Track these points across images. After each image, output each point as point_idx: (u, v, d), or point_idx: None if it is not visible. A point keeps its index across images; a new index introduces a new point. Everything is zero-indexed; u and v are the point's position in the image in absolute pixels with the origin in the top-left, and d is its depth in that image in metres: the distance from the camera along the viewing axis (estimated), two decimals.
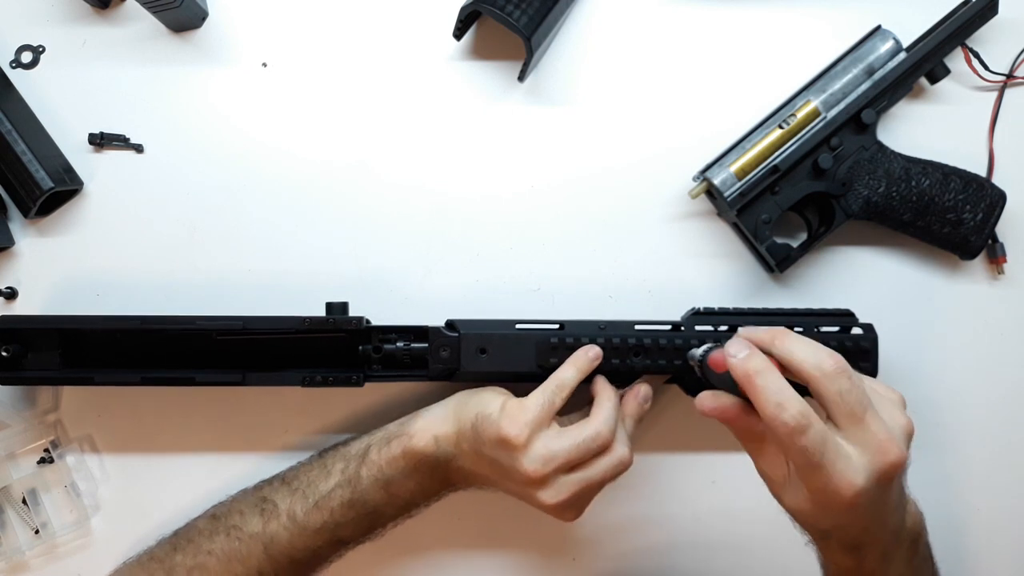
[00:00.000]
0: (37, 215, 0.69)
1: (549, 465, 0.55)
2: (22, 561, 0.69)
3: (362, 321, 0.63)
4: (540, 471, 0.55)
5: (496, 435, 0.56)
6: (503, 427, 0.56)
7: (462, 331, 0.63)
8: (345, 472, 0.60)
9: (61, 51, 0.71)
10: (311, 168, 0.71)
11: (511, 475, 0.57)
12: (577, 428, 0.57)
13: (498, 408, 0.57)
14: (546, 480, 0.56)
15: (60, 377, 0.65)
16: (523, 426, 0.56)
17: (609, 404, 0.59)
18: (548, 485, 0.56)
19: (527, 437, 0.56)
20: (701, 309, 0.64)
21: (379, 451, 0.60)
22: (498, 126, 0.71)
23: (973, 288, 0.70)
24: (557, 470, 0.56)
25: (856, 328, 0.64)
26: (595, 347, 0.61)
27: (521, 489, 0.57)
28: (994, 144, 0.70)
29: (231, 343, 0.64)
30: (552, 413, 0.58)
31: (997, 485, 0.70)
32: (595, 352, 0.61)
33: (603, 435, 0.57)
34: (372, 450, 0.60)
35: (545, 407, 0.57)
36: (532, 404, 0.57)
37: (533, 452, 0.55)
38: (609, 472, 0.57)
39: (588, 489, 0.57)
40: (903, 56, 0.67)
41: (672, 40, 0.71)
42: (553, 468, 0.55)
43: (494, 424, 0.56)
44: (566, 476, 0.56)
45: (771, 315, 0.64)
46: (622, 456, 0.57)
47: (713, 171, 0.66)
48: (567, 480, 0.56)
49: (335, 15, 0.72)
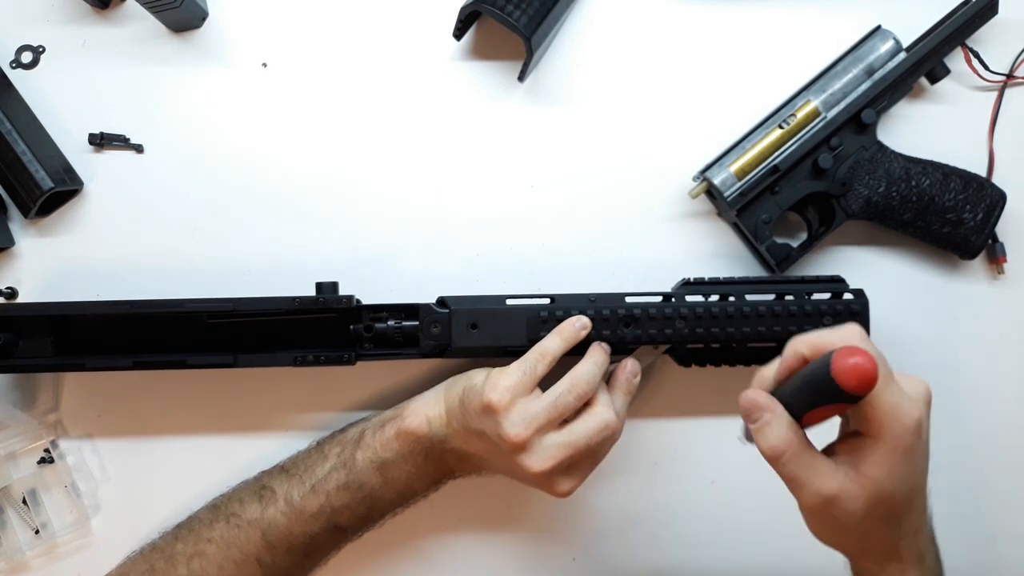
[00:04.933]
0: (37, 215, 0.69)
1: (531, 427, 0.55)
2: (22, 561, 0.69)
3: (352, 300, 0.63)
4: (522, 434, 0.55)
5: (480, 403, 0.56)
6: (486, 393, 0.56)
7: (453, 307, 0.63)
8: (341, 456, 0.61)
9: (61, 51, 0.71)
10: (311, 169, 0.71)
11: (499, 446, 0.57)
12: (554, 386, 0.57)
13: (482, 379, 0.58)
14: (529, 443, 0.55)
15: (52, 364, 0.66)
16: (503, 391, 0.56)
17: (590, 361, 0.59)
18: (531, 449, 0.56)
19: (508, 400, 0.56)
20: (691, 279, 0.65)
21: (374, 434, 0.61)
22: (498, 126, 0.71)
23: (973, 288, 0.70)
24: (539, 431, 0.55)
25: (847, 294, 0.64)
26: (583, 317, 0.61)
27: (509, 461, 0.57)
28: (994, 144, 0.70)
29: (223, 326, 0.65)
30: (534, 380, 0.58)
31: (997, 485, 0.70)
32: (582, 322, 0.61)
33: (578, 386, 0.57)
34: (367, 433, 0.61)
35: (528, 373, 0.57)
36: (513, 369, 0.58)
37: (514, 415, 0.56)
38: (593, 433, 0.56)
39: (574, 452, 0.56)
40: (903, 56, 0.67)
41: (672, 40, 0.72)
42: (535, 429, 0.55)
43: (478, 393, 0.57)
44: (548, 438, 0.56)
45: (762, 283, 0.65)
46: (606, 418, 0.57)
47: (713, 171, 0.66)
48: (550, 442, 0.56)
49: (335, 15, 0.72)
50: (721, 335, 0.63)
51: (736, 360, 0.65)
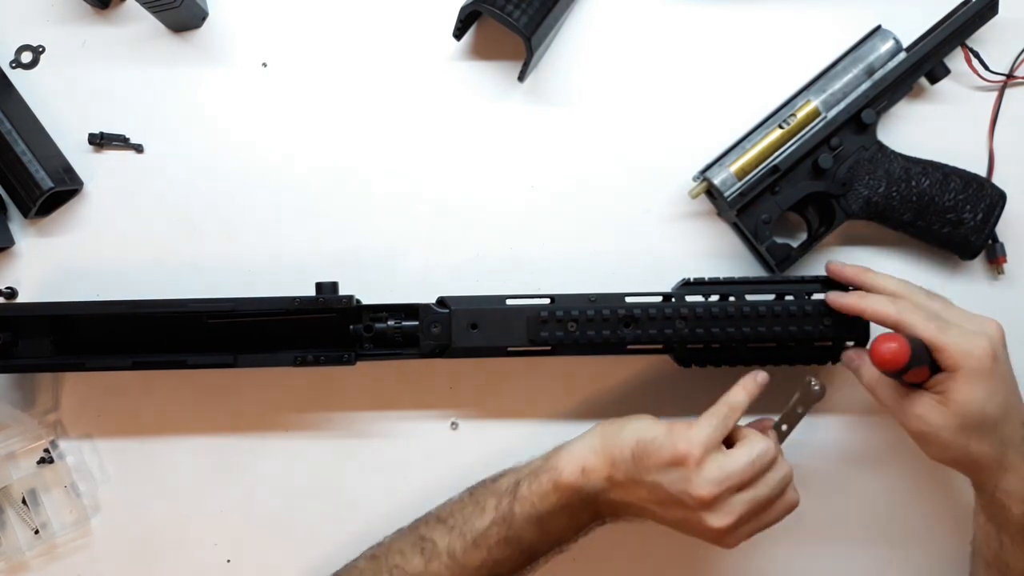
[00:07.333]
0: (37, 215, 0.69)
1: (722, 485, 0.55)
2: (22, 561, 0.69)
3: (352, 300, 0.63)
4: (713, 492, 0.55)
5: (669, 456, 0.56)
6: (678, 447, 0.56)
7: (453, 307, 0.63)
8: (499, 509, 0.59)
9: (61, 51, 0.71)
10: (311, 169, 0.71)
11: (679, 500, 0.56)
12: (745, 446, 0.57)
13: (663, 432, 0.57)
14: (717, 501, 0.55)
15: (52, 364, 0.66)
16: (697, 445, 0.56)
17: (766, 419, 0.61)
18: (719, 507, 0.55)
19: (700, 456, 0.55)
20: (691, 279, 0.65)
21: (529, 486, 0.59)
22: (498, 126, 0.71)
23: (973, 288, 0.70)
24: (729, 490, 0.55)
25: None
26: (763, 372, 0.61)
27: (686, 515, 0.56)
28: (994, 144, 0.70)
29: (223, 326, 0.65)
30: (724, 435, 0.58)
31: None
32: (763, 377, 0.61)
33: (771, 451, 0.57)
34: (522, 485, 0.60)
35: (718, 428, 0.57)
36: (705, 424, 0.57)
37: (707, 473, 0.55)
38: (775, 488, 0.57)
39: (756, 507, 0.56)
40: (903, 56, 0.67)
41: (672, 40, 0.71)
42: (726, 488, 0.55)
43: (662, 447, 0.56)
44: (735, 496, 0.56)
45: (762, 283, 0.65)
46: (786, 470, 0.58)
47: (713, 171, 0.66)
48: (736, 500, 0.56)
49: (335, 15, 0.72)
50: (721, 335, 0.63)
51: (736, 360, 0.65)
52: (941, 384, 0.56)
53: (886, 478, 0.70)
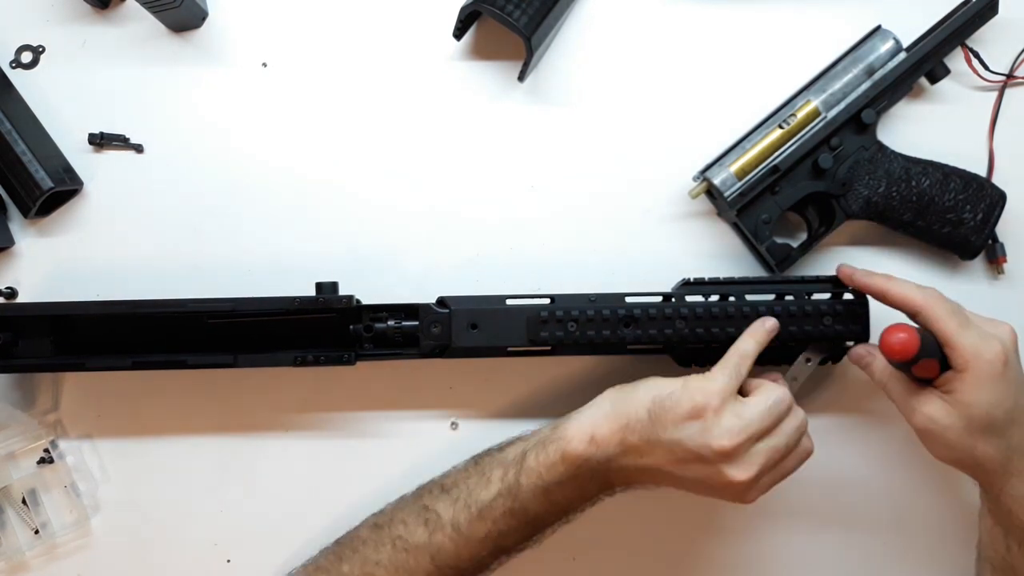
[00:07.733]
0: (37, 215, 0.69)
1: (742, 435, 0.54)
2: (22, 561, 0.69)
3: (352, 300, 0.63)
4: (735, 441, 0.54)
5: (688, 409, 0.55)
6: (696, 398, 0.55)
7: (453, 307, 0.63)
8: (504, 480, 0.59)
9: (61, 51, 0.71)
10: (311, 169, 0.71)
11: (698, 454, 0.55)
12: (762, 394, 0.57)
13: (679, 386, 0.57)
14: (738, 452, 0.54)
15: (52, 364, 0.66)
16: (714, 395, 0.55)
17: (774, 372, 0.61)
18: (739, 459, 0.55)
19: (718, 405, 0.55)
20: (691, 279, 0.65)
21: (536, 456, 0.58)
22: (498, 126, 0.71)
23: (973, 288, 0.70)
24: (749, 439, 0.55)
25: (847, 294, 0.64)
26: (771, 319, 0.61)
27: (706, 471, 0.55)
28: (994, 144, 0.70)
29: (223, 326, 0.65)
30: (739, 384, 0.57)
31: None
32: (772, 323, 0.61)
33: (787, 398, 0.57)
34: (529, 456, 0.59)
35: (733, 377, 0.57)
36: (719, 374, 0.57)
37: (726, 422, 0.55)
38: (792, 436, 0.56)
39: (775, 456, 0.56)
40: (903, 56, 0.67)
41: (672, 40, 0.72)
42: (746, 437, 0.54)
43: (680, 401, 0.55)
44: (755, 447, 0.55)
45: (762, 283, 0.65)
46: (801, 417, 0.58)
47: (713, 171, 0.66)
48: (756, 450, 0.55)
49: (335, 15, 0.72)
50: (721, 335, 0.63)
51: None
52: (950, 383, 0.56)
53: (886, 479, 0.70)
